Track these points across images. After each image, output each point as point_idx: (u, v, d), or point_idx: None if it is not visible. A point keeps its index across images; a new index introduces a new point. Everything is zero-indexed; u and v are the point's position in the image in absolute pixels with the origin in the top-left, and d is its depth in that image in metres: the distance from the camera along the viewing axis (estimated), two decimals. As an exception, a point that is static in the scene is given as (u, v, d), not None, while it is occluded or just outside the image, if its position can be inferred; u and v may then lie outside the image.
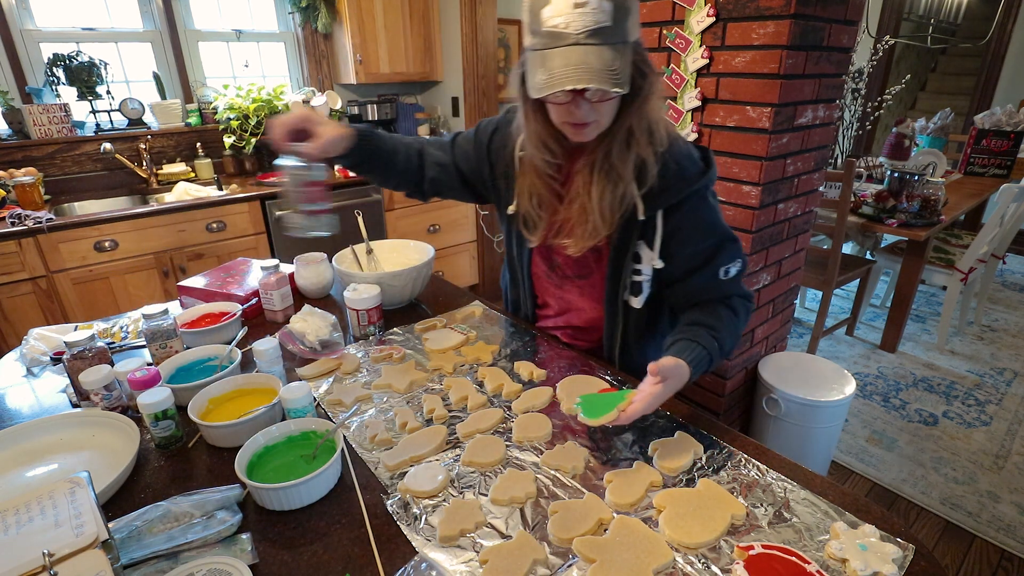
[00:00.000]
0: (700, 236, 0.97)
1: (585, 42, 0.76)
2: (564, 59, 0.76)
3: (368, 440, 0.89)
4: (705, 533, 0.69)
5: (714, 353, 0.93)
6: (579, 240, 0.97)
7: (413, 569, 0.66)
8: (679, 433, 0.88)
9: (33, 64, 2.50)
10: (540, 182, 0.99)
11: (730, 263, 0.98)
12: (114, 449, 0.88)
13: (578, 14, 0.75)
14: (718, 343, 0.93)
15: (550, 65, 0.77)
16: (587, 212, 0.94)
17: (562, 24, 0.76)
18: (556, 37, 0.77)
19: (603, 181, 0.91)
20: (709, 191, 0.97)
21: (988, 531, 1.80)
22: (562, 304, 1.19)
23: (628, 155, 0.90)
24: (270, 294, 1.29)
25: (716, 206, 0.99)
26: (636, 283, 1.02)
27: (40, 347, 1.17)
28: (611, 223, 0.94)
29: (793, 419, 1.88)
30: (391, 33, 3.03)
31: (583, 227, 0.96)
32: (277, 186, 0.94)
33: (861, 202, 2.75)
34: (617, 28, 0.77)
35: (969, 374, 2.71)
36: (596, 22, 0.75)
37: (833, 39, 1.59)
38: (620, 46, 0.78)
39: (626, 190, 0.92)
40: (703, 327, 0.95)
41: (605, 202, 0.92)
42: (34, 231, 2.05)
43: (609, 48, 0.76)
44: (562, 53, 0.77)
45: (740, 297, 1.01)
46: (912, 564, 0.66)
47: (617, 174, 0.91)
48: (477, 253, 3.54)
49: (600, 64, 0.75)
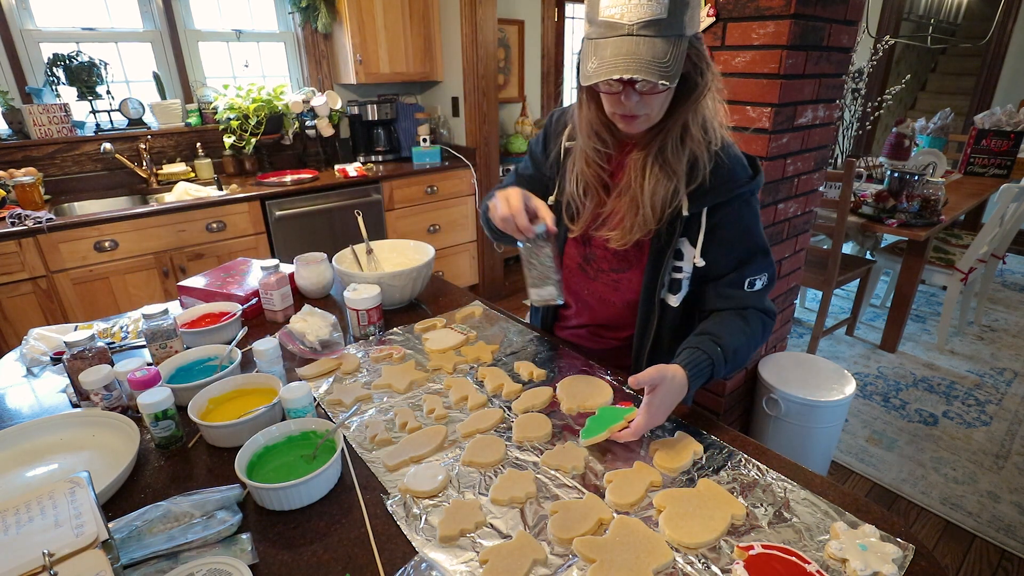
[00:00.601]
0: (737, 240, 0.97)
1: (638, 33, 0.76)
2: (615, 48, 0.77)
3: (368, 440, 0.89)
4: (705, 533, 0.69)
5: (716, 358, 0.91)
6: (625, 233, 0.96)
7: (413, 569, 0.66)
8: (679, 433, 0.88)
9: (33, 64, 2.50)
10: (589, 170, 0.98)
11: (757, 275, 0.99)
12: (114, 449, 0.88)
13: (634, 5, 0.75)
14: (721, 349, 0.92)
15: (602, 54, 0.78)
16: (638, 204, 0.94)
17: (617, 14, 0.76)
18: (611, 27, 0.77)
19: (656, 174, 0.92)
20: (754, 197, 0.98)
21: (988, 531, 1.80)
22: (590, 300, 1.15)
23: (683, 151, 0.90)
24: (270, 294, 1.29)
25: (758, 214, 1.00)
26: (676, 280, 1.01)
27: (40, 347, 1.17)
28: (659, 217, 0.94)
29: (793, 419, 1.88)
30: (391, 33, 3.03)
31: (632, 219, 0.95)
32: (529, 270, 0.96)
33: (861, 202, 2.75)
34: (673, 21, 0.76)
35: (969, 374, 2.71)
36: (651, 14, 0.75)
37: (833, 39, 1.59)
38: (674, 39, 0.77)
39: (678, 185, 0.92)
40: (707, 335, 0.94)
41: (657, 196, 0.92)
42: (34, 231, 2.05)
43: (662, 40, 0.76)
44: (614, 43, 0.77)
45: (760, 311, 1.00)
46: (912, 564, 0.66)
47: (671, 168, 0.91)
48: (477, 253, 3.54)
49: (650, 56, 0.76)
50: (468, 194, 3.34)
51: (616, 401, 0.98)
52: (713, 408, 1.97)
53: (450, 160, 3.27)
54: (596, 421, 0.89)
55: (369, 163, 3.16)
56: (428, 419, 0.95)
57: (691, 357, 0.90)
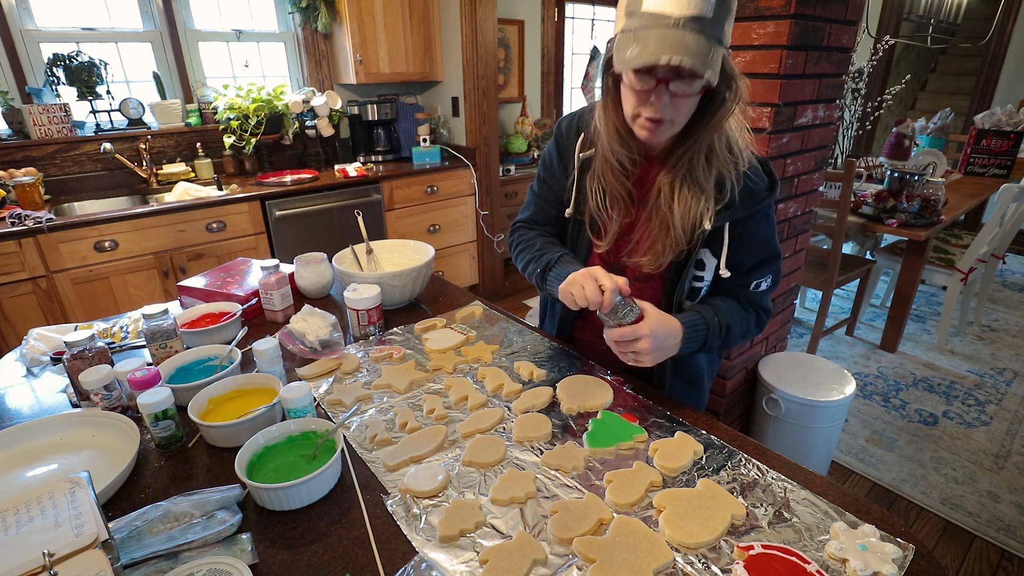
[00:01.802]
0: (753, 249, 0.99)
1: (684, 26, 0.75)
2: (660, 37, 0.75)
3: (368, 440, 0.89)
4: (705, 533, 0.69)
5: (712, 324, 0.95)
6: (658, 256, 0.96)
7: (413, 569, 0.66)
8: (679, 433, 0.88)
9: (33, 64, 2.50)
10: (614, 179, 0.96)
11: (763, 278, 1.01)
12: (114, 449, 0.88)
13: (683, 0, 0.75)
14: (718, 319, 0.97)
15: (645, 41, 0.76)
16: (669, 227, 0.93)
17: (665, 7, 0.75)
18: (656, 18, 0.76)
19: (687, 196, 0.91)
20: (772, 208, 1.00)
21: (988, 531, 1.80)
22: None
23: (711, 170, 0.90)
24: (270, 294, 1.29)
25: (775, 223, 1.01)
26: (695, 288, 1.03)
27: (40, 347, 1.17)
28: (690, 237, 0.95)
29: (793, 419, 1.88)
30: (391, 33, 3.03)
31: (663, 242, 0.95)
32: (608, 322, 0.96)
33: (861, 202, 2.75)
34: (716, 23, 0.76)
35: (969, 374, 2.71)
36: (699, 10, 0.75)
37: (833, 39, 1.59)
38: (715, 42, 0.77)
39: (708, 204, 0.92)
40: (708, 305, 1.00)
41: (688, 218, 0.92)
42: (34, 231, 2.05)
43: (705, 39, 0.76)
44: (659, 32, 0.76)
45: (758, 307, 1.04)
46: (912, 564, 0.66)
47: (700, 188, 0.91)
48: (477, 253, 3.54)
49: (696, 47, 0.75)
50: (468, 194, 3.34)
51: (616, 401, 0.98)
52: (713, 408, 1.97)
53: (450, 160, 3.27)
54: (603, 428, 0.90)
55: (369, 163, 3.16)
56: (428, 419, 0.95)
57: (688, 316, 0.96)
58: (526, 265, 1.11)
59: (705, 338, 0.96)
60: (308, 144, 3.15)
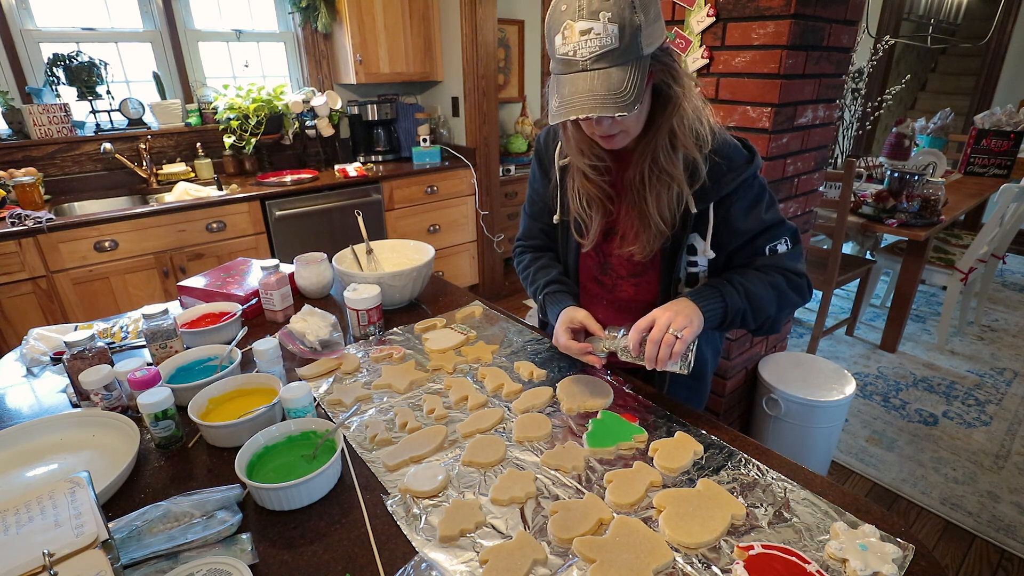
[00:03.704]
0: (746, 222, 0.98)
1: (592, 67, 0.77)
2: (572, 86, 0.78)
3: (368, 440, 0.89)
4: (705, 533, 0.69)
5: (727, 293, 0.93)
6: (645, 245, 0.98)
7: (413, 569, 0.66)
8: (679, 433, 0.88)
9: (33, 64, 2.50)
10: (590, 184, 0.99)
11: (776, 241, 0.99)
12: (114, 449, 0.88)
13: (584, 41, 0.76)
14: (733, 287, 0.94)
15: (562, 92, 0.79)
16: (647, 218, 0.95)
17: (571, 51, 0.77)
18: (567, 64, 0.78)
19: (656, 186, 0.92)
20: (756, 179, 0.98)
21: (988, 531, 1.80)
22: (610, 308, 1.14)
23: (676, 156, 0.91)
24: (270, 294, 1.29)
25: (764, 191, 0.99)
26: (692, 274, 1.04)
27: (40, 347, 1.17)
28: (672, 223, 0.95)
29: (793, 419, 1.88)
30: (391, 33, 3.03)
31: (646, 232, 0.96)
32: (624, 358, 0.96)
33: (861, 202, 2.75)
34: (627, 47, 0.76)
35: (969, 374, 2.71)
36: (601, 47, 0.75)
37: (833, 39, 1.59)
38: (631, 64, 0.77)
39: (680, 189, 0.93)
40: (720, 278, 0.99)
41: (663, 205, 0.93)
42: (34, 231, 2.05)
43: (618, 69, 0.76)
44: (571, 80, 0.78)
45: (786, 270, 0.98)
46: (912, 564, 0.66)
47: (668, 175, 0.91)
48: (477, 253, 3.54)
49: (605, 89, 0.76)
50: (468, 194, 3.34)
51: (616, 401, 0.98)
52: (713, 408, 1.97)
53: (450, 160, 3.27)
54: (603, 428, 0.90)
55: (369, 163, 3.16)
56: (428, 419, 0.95)
57: (698, 289, 0.96)
58: (532, 296, 1.16)
59: (722, 297, 0.93)
60: (308, 144, 3.15)
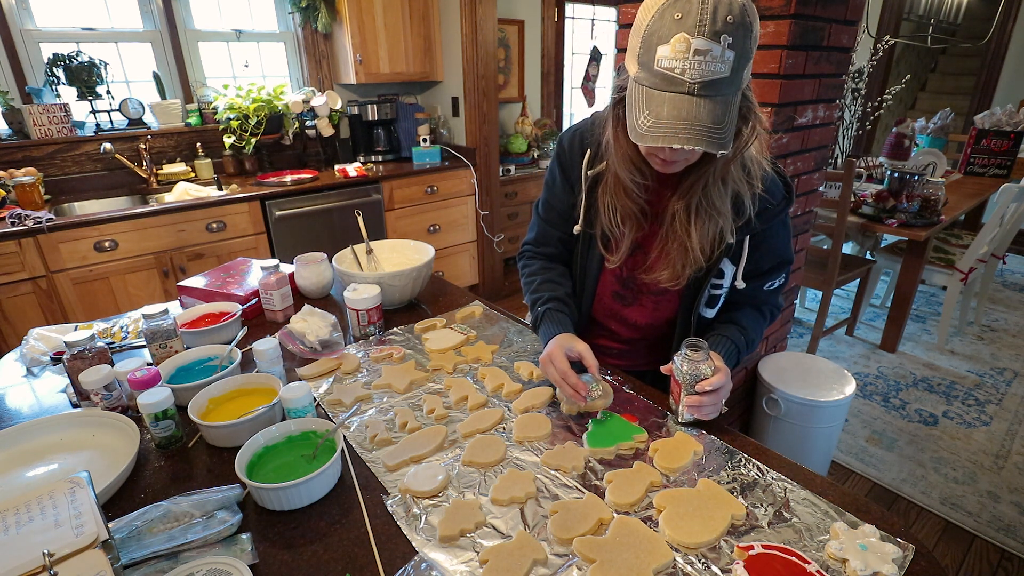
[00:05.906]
0: (769, 255, 1.01)
1: (699, 94, 0.70)
2: (674, 109, 0.71)
3: (368, 440, 0.89)
4: (705, 533, 0.69)
5: (741, 347, 1.01)
6: (677, 274, 0.96)
7: (413, 569, 0.66)
8: (679, 433, 0.88)
9: (33, 64, 2.50)
10: (627, 197, 0.94)
11: (776, 278, 1.05)
12: (114, 449, 0.88)
13: (697, 62, 0.69)
14: (745, 339, 1.02)
15: (657, 111, 0.72)
16: (687, 249, 0.93)
17: (678, 69, 0.70)
18: (669, 81, 0.71)
19: (703, 221, 0.90)
20: (788, 215, 1.01)
21: (988, 531, 1.80)
22: (626, 323, 1.13)
23: (726, 193, 0.89)
24: (270, 294, 1.29)
25: (791, 230, 1.04)
26: (714, 296, 1.04)
27: (40, 347, 1.17)
28: (710, 256, 0.94)
29: (793, 419, 1.88)
30: (391, 33, 3.03)
31: (683, 261, 0.94)
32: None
33: (861, 202, 2.75)
34: (734, 78, 0.71)
35: (969, 374, 2.71)
36: (713, 72, 0.69)
37: (833, 39, 1.59)
38: (732, 98, 0.73)
39: (724, 225, 0.91)
40: (733, 324, 1.04)
41: (706, 240, 0.92)
42: (34, 231, 2.05)
43: (721, 101, 0.71)
44: (672, 101, 0.71)
45: (772, 305, 1.09)
46: (912, 564, 0.66)
47: (716, 211, 0.90)
48: (477, 253, 3.54)
49: (710, 121, 0.71)
50: (468, 194, 3.34)
51: (616, 401, 0.98)
52: (713, 408, 1.97)
53: (450, 160, 3.27)
54: (603, 428, 0.90)
55: (369, 163, 3.16)
56: (428, 419, 0.95)
57: (725, 349, 0.99)
58: (530, 304, 1.13)
59: (738, 359, 1.01)
60: (308, 144, 3.15)
